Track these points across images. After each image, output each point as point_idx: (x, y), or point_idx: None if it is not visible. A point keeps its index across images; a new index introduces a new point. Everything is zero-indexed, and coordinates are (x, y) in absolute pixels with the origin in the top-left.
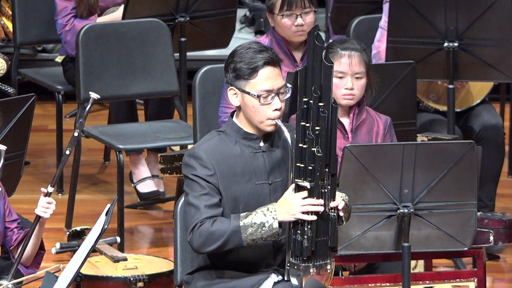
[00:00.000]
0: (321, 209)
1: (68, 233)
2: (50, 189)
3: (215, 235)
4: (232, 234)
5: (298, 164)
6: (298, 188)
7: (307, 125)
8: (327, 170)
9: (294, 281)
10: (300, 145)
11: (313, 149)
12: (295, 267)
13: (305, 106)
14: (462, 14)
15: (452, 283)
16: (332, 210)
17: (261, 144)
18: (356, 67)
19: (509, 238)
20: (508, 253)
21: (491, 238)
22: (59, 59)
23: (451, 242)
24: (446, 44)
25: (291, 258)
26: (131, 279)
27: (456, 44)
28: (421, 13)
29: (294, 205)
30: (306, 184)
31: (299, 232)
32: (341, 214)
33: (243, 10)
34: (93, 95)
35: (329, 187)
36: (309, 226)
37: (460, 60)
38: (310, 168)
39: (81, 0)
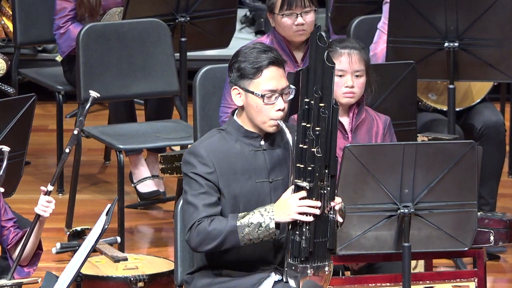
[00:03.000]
0: (317, 211)
1: (68, 233)
2: (50, 187)
3: (212, 235)
4: (229, 234)
5: (298, 165)
6: (297, 189)
7: (308, 125)
8: (326, 171)
9: (292, 283)
10: (301, 145)
11: (313, 149)
12: (293, 268)
13: (306, 106)
14: (462, 14)
15: (453, 283)
16: (331, 212)
17: (262, 142)
18: (356, 65)
19: (510, 238)
20: (508, 253)
21: (492, 238)
22: (59, 58)
23: (451, 242)
24: (446, 44)
25: (289, 259)
26: (132, 279)
27: (456, 44)
28: (422, 13)
29: (290, 205)
30: (305, 185)
31: (297, 232)
32: (340, 219)
33: (244, 10)
34: (93, 94)
35: (328, 188)
36: (307, 227)
37: (460, 60)
38: (309, 168)
39: (81, 1)
